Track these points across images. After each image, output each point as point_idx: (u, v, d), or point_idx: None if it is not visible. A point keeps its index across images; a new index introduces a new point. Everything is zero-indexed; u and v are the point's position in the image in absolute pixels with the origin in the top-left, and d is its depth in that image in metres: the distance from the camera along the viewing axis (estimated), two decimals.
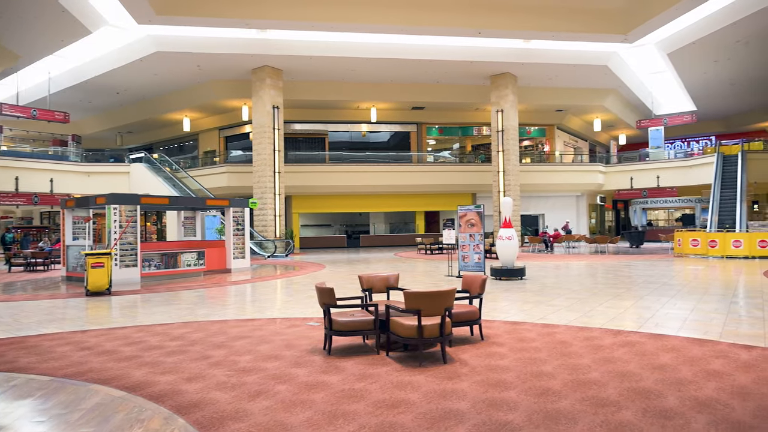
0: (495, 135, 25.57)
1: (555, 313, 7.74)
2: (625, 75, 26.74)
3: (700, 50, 22.35)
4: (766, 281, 10.97)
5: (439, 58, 22.72)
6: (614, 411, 3.72)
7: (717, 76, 26.34)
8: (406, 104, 28.51)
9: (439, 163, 29.96)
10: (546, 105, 29.32)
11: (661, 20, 19.00)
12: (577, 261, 17.51)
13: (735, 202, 22.25)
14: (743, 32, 20.40)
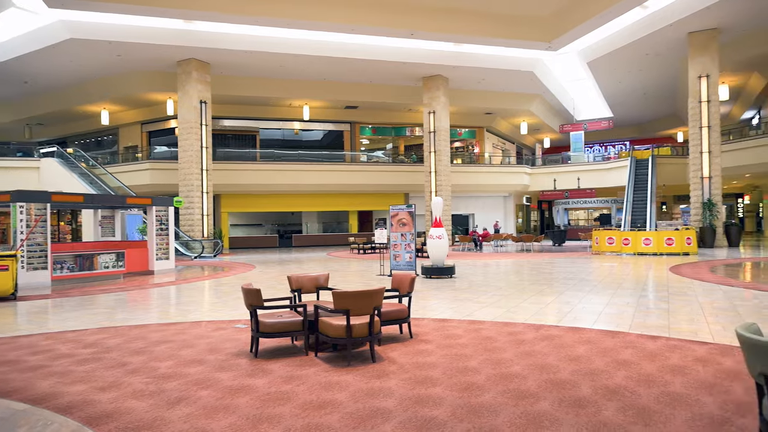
0: (427, 136, 26.05)
1: (482, 309, 7.97)
2: (550, 81, 28.11)
3: (616, 60, 23.92)
4: (672, 276, 11.87)
5: (373, 58, 22.82)
6: (533, 402, 3.88)
7: (631, 86, 28.31)
8: (339, 103, 28.42)
9: (372, 162, 30.14)
10: (476, 108, 30.23)
11: (581, 30, 20.12)
12: (504, 259, 18.17)
13: (646, 203, 24.01)
14: (653, 46, 22.05)
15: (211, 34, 20.25)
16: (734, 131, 28.43)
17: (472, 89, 28.43)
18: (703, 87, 20.80)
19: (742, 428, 3.30)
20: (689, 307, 7.81)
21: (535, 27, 20.97)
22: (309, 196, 28.89)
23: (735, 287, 9.81)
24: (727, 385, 4.13)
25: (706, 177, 20.88)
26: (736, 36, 21.00)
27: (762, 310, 7.38)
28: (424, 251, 17.68)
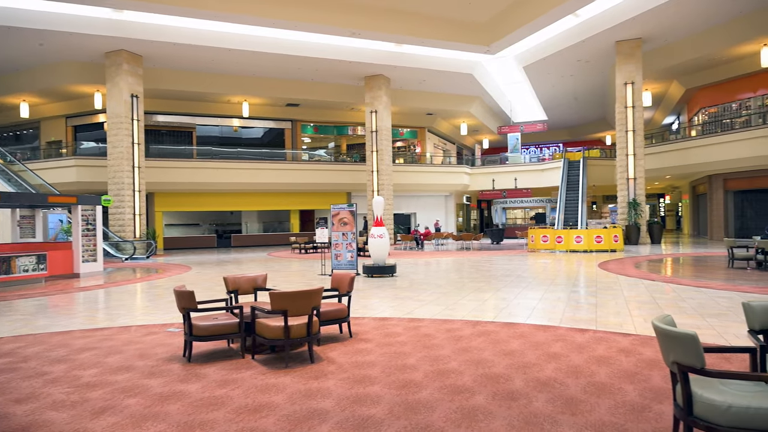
0: (369, 135, 26.11)
1: (421, 307, 8.07)
2: (488, 84, 28.90)
3: (550, 66, 24.92)
4: (600, 272, 12.51)
5: (314, 56, 22.59)
6: (468, 397, 3.96)
7: (564, 90, 29.59)
8: (280, 100, 27.95)
9: (314, 161, 29.84)
10: (417, 108, 30.60)
11: (516, 36, 20.80)
12: (444, 257, 18.50)
13: (578, 203, 25.19)
14: (584, 53, 23.15)
15: (143, 25, 19.33)
16: (656, 135, 30.37)
17: (414, 90, 28.77)
18: (628, 93, 22.05)
19: (659, 414, 3.52)
20: (615, 301, 8.26)
21: (474, 31, 21.50)
22: (249, 195, 28.22)
23: (656, 281, 10.46)
24: (647, 374, 4.39)
25: (631, 178, 22.15)
26: (658, 46, 22.43)
27: (679, 303, 7.91)
28: (366, 250, 17.70)
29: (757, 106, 23.40)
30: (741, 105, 24.22)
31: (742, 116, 23.71)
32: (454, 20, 20.98)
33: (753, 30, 19.70)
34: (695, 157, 23.37)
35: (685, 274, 11.81)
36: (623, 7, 19.00)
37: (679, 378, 2.80)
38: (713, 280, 10.45)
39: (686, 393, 2.75)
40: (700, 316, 6.85)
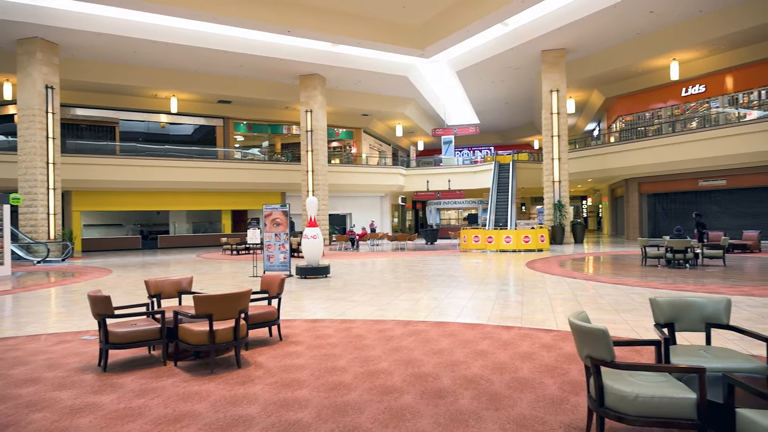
0: (304, 135, 25.79)
1: (354, 308, 8.04)
2: (423, 87, 29.38)
3: (482, 71, 25.70)
4: (527, 271, 13.03)
5: (248, 52, 22.05)
6: (397, 396, 3.98)
7: (495, 95, 30.61)
8: (211, 97, 27.03)
9: (247, 160, 29.06)
10: (353, 108, 30.60)
11: (450, 41, 21.28)
12: (379, 258, 18.59)
13: (507, 204, 26.11)
14: (513, 60, 24.06)
15: (60, 12, 18.06)
16: (579, 141, 32.10)
17: (350, 90, 28.75)
18: (553, 100, 23.15)
19: (575, 405, 3.69)
20: (540, 298, 8.61)
21: (410, 34, 21.78)
22: (177, 194, 27.06)
23: (577, 279, 11.03)
24: (566, 368, 4.60)
25: (556, 181, 23.26)
26: (580, 56, 23.72)
27: (597, 299, 8.37)
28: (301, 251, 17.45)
29: (667, 115, 25.29)
30: (653, 114, 26.09)
31: (654, 125, 25.54)
32: (390, 23, 21.17)
33: (664, 45, 21.29)
34: (613, 162, 24.92)
35: (604, 272, 12.53)
36: (548, 19, 19.93)
37: (591, 371, 2.95)
38: (628, 277, 11.15)
39: (598, 385, 2.90)
40: (616, 311, 7.28)
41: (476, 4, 18.95)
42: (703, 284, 9.78)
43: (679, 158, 22.01)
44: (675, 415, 2.72)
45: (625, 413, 2.80)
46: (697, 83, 23.75)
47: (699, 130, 21.71)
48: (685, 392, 2.75)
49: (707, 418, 2.66)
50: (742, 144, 19.77)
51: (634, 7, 18.48)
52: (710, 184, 23.31)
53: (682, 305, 3.78)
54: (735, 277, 10.85)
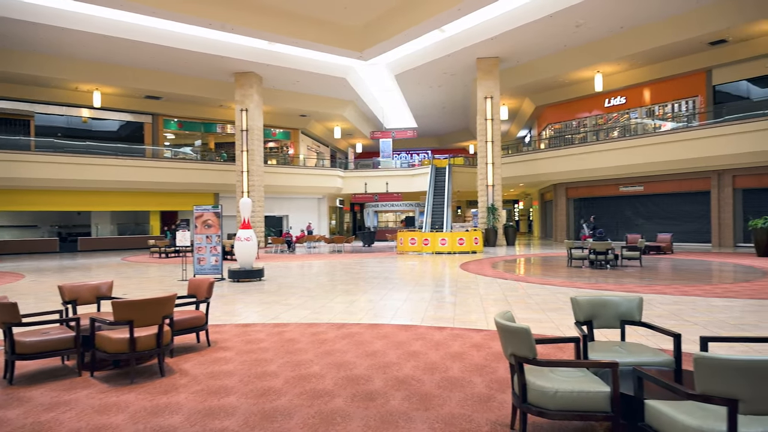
0: (239, 134, 25.12)
1: (288, 312, 7.90)
2: (362, 89, 29.43)
3: (420, 76, 26.10)
4: (461, 272, 13.33)
5: (179, 46, 21.16)
6: (328, 400, 3.93)
7: (432, 100, 31.16)
8: (139, 92, 25.74)
9: (178, 159, 27.87)
10: (291, 109, 30.16)
11: (388, 45, 21.45)
12: (316, 260, 18.41)
13: (443, 207, 26.64)
14: (450, 66, 24.60)
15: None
16: (512, 146, 33.31)
17: (287, 90, 28.32)
18: (488, 106, 23.89)
19: (501, 402, 3.79)
20: (472, 299, 8.83)
21: (348, 36, 21.75)
22: (101, 194, 25.54)
23: (508, 280, 11.41)
24: (494, 366, 4.73)
25: (490, 185, 23.99)
26: (513, 65, 24.63)
27: (526, 299, 8.69)
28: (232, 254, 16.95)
29: (592, 124, 26.77)
30: (579, 123, 27.53)
31: (580, 133, 26.95)
32: (329, 23, 21.04)
33: (589, 58, 22.53)
34: (543, 167, 26.05)
35: (533, 273, 13.04)
36: (483, 28, 20.56)
37: (515, 369, 3.03)
38: (555, 277, 11.67)
39: (521, 382, 2.99)
40: (543, 310, 7.58)
41: (414, 9, 19.23)
42: (622, 284, 10.39)
43: (602, 165, 23.34)
44: (591, 408, 2.85)
45: (546, 408, 2.91)
46: (618, 95, 25.31)
47: (619, 139, 23.13)
48: (601, 386, 2.89)
49: (620, 409, 2.81)
50: (657, 153, 21.25)
51: (562, 21, 19.41)
52: (629, 189, 24.87)
53: (599, 304, 3.99)
54: (650, 276, 11.61)
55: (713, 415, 2.38)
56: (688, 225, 22.90)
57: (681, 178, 22.61)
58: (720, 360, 2.25)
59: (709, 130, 19.86)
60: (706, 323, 6.45)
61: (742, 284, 9.93)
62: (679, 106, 23.21)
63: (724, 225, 21.24)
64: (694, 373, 2.33)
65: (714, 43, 20.10)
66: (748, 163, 19.33)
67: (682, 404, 2.54)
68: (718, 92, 21.86)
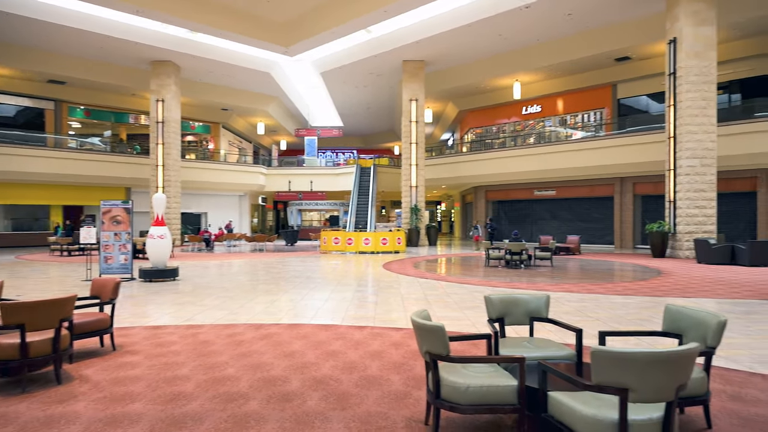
0: (154, 126, 23.80)
1: (203, 313, 7.59)
2: (287, 85, 28.92)
3: (346, 75, 26.06)
4: (383, 272, 13.45)
5: (87, 29, 19.68)
6: (242, 403, 3.81)
7: (358, 99, 31.23)
8: (40, 75, 23.66)
9: (85, 150, 25.87)
10: (212, 102, 29.06)
11: (313, 42, 21.25)
12: (236, 259, 17.85)
13: (368, 207, 26.78)
14: (376, 67, 24.78)
15: None
16: (436, 149, 34.14)
17: (208, 82, 27.24)
18: (413, 109, 24.32)
19: (417, 399, 3.86)
20: (393, 298, 8.93)
21: (274, 30, 21.29)
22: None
23: (429, 280, 11.66)
24: (412, 364, 4.81)
25: (414, 186, 24.44)
26: (437, 69, 25.25)
27: (445, 298, 8.92)
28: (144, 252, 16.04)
29: (510, 130, 28.04)
30: (499, 129, 28.75)
31: (499, 138, 28.14)
32: (254, 16, 20.48)
33: (509, 67, 23.59)
34: (464, 170, 26.93)
35: (453, 273, 13.43)
36: (409, 31, 20.91)
37: (430, 365, 3.10)
38: (473, 277, 12.09)
39: (435, 378, 3.06)
40: (460, 308, 7.82)
41: (341, 8, 19.18)
42: (534, 283, 10.96)
43: (519, 170, 24.52)
44: (500, 402, 2.97)
45: (458, 403, 2.99)
46: (535, 103, 26.71)
47: (535, 146, 24.41)
48: (509, 380, 3.02)
49: (525, 402, 2.95)
50: (568, 160, 22.65)
51: (483, 30, 20.16)
52: (543, 193, 26.32)
53: (510, 301, 4.17)
54: (559, 276, 12.34)
55: (607, 404, 2.56)
56: (595, 227, 24.62)
57: (589, 184, 24.25)
58: (613, 353, 2.42)
59: (613, 140, 21.47)
60: (606, 319, 6.94)
61: (640, 282, 10.80)
62: (588, 116, 24.89)
63: (625, 228, 23.04)
64: (591, 366, 2.49)
65: (619, 59, 21.75)
66: (647, 172, 21.08)
67: (581, 395, 2.71)
68: (622, 105, 23.70)
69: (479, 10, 18.89)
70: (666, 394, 2.42)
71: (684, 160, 16.27)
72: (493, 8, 18.58)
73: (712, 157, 16.18)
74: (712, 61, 16.08)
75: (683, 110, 16.23)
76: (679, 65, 16.33)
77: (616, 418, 2.42)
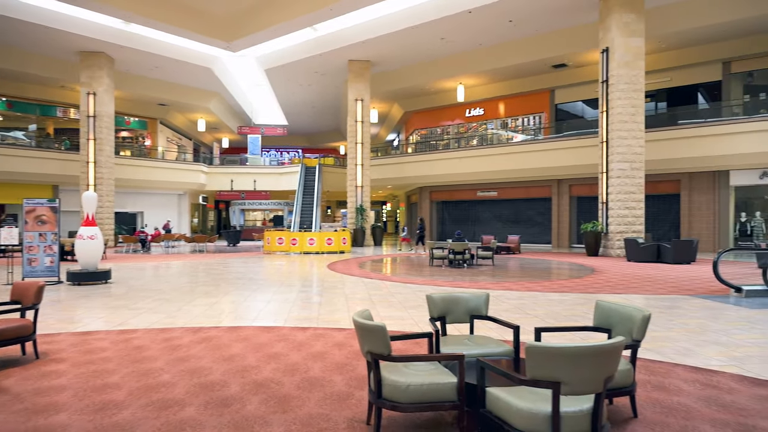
0: (85, 120, 22.53)
1: (137, 317, 7.25)
2: (229, 81, 28.18)
3: (290, 73, 25.71)
4: (328, 272, 13.36)
5: (11, 15, 18.38)
6: (178, 410, 3.66)
7: (303, 98, 30.88)
8: None
9: (6, 144, 24.13)
10: (149, 96, 27.88)
11: (258, 38, 20.83)
12: (174, 261, 17.20)
13: (313, 207, 26.53)
14: (321, 66, 24.60)
15: None
16: (381, 149, 34.31)
17: (145, 76, 26.10)
18: (358, 109, 24.31)
19: (359, 399, 3.85)
20: (337, 298, 8.89)
21: (216, 24, 20.68)
22: None
23: (374, 279, 11.69)
24: (354, 365, 4.79)
25: (359, 186, 24.43)
26: (383, 70, 25.36)
27: (389, 298, 8.97)
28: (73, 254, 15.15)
29: (454, 132, 28.59)
30: (443, 130, 29.25)
31: (444, 140, 28.63)
32: (195, 8, 19.81)
33: (453, 70, 24.06)
34: (410, 171, 27.21)
35: (397, 273, 13.53)
36: (355, 31, 20.89)
37: (371, 365, 3.09)
38: (418, 276, 12.23)
39: (377, 378, 3.06)
40: (404, 308, 7.88)
41: (287, 4, 18.90)
42: (476, 281, 11.22)
43: (462, 171, 25.05)
44: (440, 399, 3.01)
45: (399, 402, 3.01)
46: (478, 106, 27.37)
47: (478, 148, 25.03)
48: (449, 378, 3.07)
49: (465, 398, 3.01)
50: (509, 162, 23.37)
51: (428, 32, 20.45)
52: (485, 194, 27.01)
53: (452, 300, 4.25)
54: (500, 274, 12.70)
55: (541, 398, 2.64)
56: (534, 228, 25.52)
57: (528, 186, 25.11)
58: (545, 348, 2.51)
59: (551, 143, 22.35)
60: (544, 315, 7.20)
61: (575, 280, 11.29)
62: (528, 120, 25.78)
63: (562, 228, 24.04)
64: (526, 361, 2.57)
65: (557, 66, 22.66)
66: (582, 174, 22.08)
67: (517, 389, 2.79)
68: (560, 110, 24.72)
69: (423, 13, 19.15)
70: (595, 386, 2.53)
71: (615, 164, 17.16)
72: (436, 12, 18.89)
73: (641, 161, 17.16)
74: (641, 71, 17.06)
75: (614, 116, 17.12)
76: (611, 73, 17.22)
77: (550, 410, 2.51)
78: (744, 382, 4.24)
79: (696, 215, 20.28)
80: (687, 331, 6.16)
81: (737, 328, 6.31)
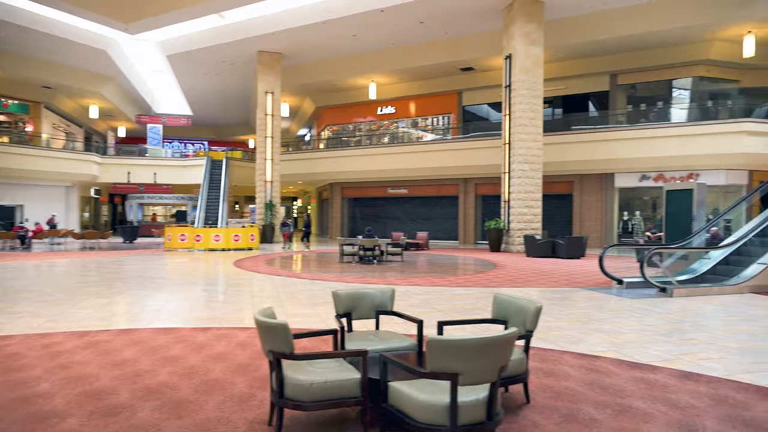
0: None
1: (13, 322, 6.52)
2: (127, 66, 26.25)
3: (196, 60, 24.45)
4: (234, 270, 12.89)
5: None
6: (56, 422, 3.33)
7: (209, 88, 29.48)
8: None
9: None
10: (31, 78, 25.24)
11: (160, 21, 19.57)
12: (60, 259, 15.73)
13: (219, 202, 25.49)
14: (229, 55, 23.66)
15: None
16: (293, 144, 33.70)
17: (27, 54, 23.55)
18: (268, 102, 23.66)
19: (262, 400, 3.73)
20: (243, 297, 8.59)
21: (112, 3, 19.09)
22: None
23: (282, 276, 11.45)
24: (258, 365, 4.65)
25: (268, 181, 23.82)
26: (294, 64, 24.87)
27: (297, 295, 8.83)
28: None
29: (366, 129, 28.76)
30: (355, 127, 29.33)
31: (356, 136, 28.71)
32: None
33: (365, 67, 24.19)
34: (321, 167, 27.00)
35: (307, 269, 13.36)
36: (265, 21, 20.30)
37: (273, 364, 3.00)
38: (327, 273, 12.15)
39: (279, 377, 2.97)
40: (312, 305, 7.79)
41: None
42: (385, 277, 11.37)
43: (373, 168, 25.29)
44: (344, 396, 2.99)
45: (302, 401, 2.95)
46: (389, 105, 27.73)
47: (389, 146, 25.40)
48: (353, 374, 3.05)
49: (368, 394, 3.01)
50: (419, 160, 23.94)
51: (339, 28, 20.36)
52: (396, 192, 27.47)
53: (358, 296, 4.24)
54: (409, 270, 12.98)
55: (441, 389, 2.71)
56: (442, 225, 26.37)
57: (437, 184, 25.89)
58: (444, 341, 2.57)
59: (458, 143, 23.22)
60: (448, 309, 7.45)
61: (478, 275, 11.81)
62: (437, 120, 26.57)
63: (468, 225, 25.06)
64: (426, 354, 2.62)
65: (464, 69, 23.56)
66: (486, 174, 23.14)
67: (417, 383, 2.84)
68: (467, 112, 25.73)
69: (334, 9, 19.04)
70: (491, 375, 2.63)
71: (516, 165, 18.18)
72: (347, 9, 18.86)
73: (539, 162, 18.33)
74: (540, 78, 18.20)
75: (516, 120, 18.12)
76: (513, 79, 18.20)
77: (448, 401, 2.57)
78: (622, 366, 4.65)
79: (586, 214, 22.05)
80: (575, 321, 6.66)
81: (618, 317, 6.93)
